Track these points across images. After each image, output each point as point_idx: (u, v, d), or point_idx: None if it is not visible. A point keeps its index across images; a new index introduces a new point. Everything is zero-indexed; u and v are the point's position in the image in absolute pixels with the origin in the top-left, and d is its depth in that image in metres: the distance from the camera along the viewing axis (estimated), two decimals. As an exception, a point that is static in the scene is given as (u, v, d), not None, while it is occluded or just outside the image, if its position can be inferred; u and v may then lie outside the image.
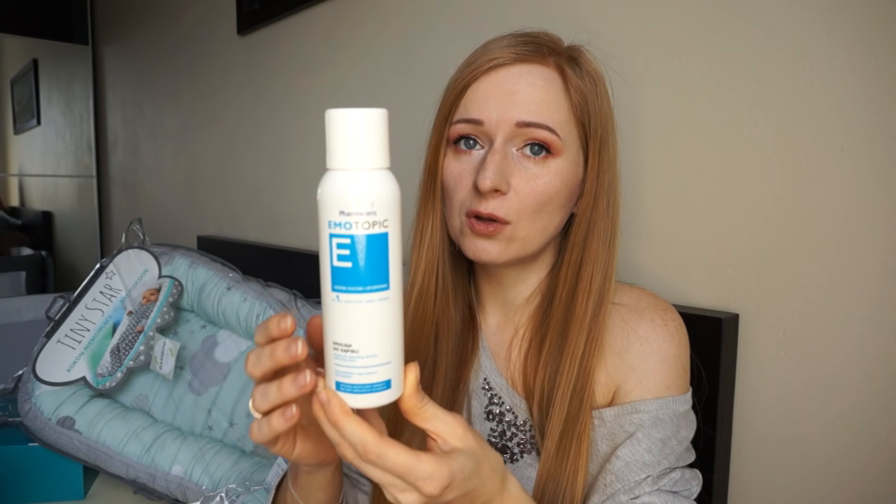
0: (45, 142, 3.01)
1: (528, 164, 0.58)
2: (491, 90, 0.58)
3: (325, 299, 0.39)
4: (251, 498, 1.01)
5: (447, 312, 0.66)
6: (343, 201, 0.37)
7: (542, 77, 0.58)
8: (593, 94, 0.59)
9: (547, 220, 0.60)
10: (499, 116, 0.57)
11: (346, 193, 0.37)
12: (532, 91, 0.57)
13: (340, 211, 0.37)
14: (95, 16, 2.85)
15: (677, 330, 0.62)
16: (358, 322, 0.39)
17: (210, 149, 1.94)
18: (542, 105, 0.57)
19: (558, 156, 0.58)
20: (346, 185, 0.38)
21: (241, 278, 1.33)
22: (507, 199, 0.57)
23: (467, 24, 1.06)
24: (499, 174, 0.56)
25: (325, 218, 0.38)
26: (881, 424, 0.65)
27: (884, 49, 0.62)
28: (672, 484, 0.58)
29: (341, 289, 0.38)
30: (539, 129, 0.56)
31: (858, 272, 0.65)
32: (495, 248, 0.59)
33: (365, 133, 0.37)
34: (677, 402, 0.60)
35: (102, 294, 1.32)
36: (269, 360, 0.42)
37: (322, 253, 0.39)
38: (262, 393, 0.43)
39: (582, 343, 0.60)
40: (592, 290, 0.60)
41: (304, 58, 1.47)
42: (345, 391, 0.40)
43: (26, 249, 3.06)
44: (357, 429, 0.41)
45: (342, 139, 0.37)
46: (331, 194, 0.38)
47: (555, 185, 0.58)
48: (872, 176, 0.64)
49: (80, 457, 1.18)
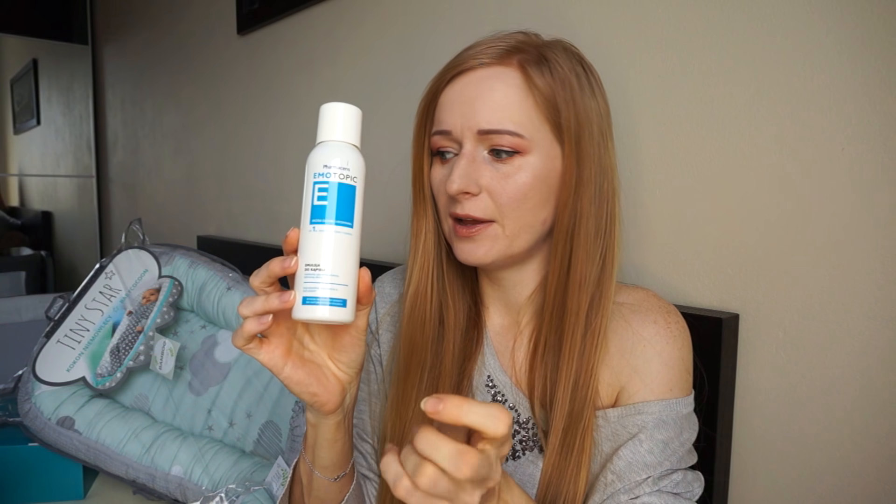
0: (44, 142, 3.01)
1: (498, 165, 0.59)
2: (455, 98, 0.60)
3: (304, 232, 0.50)
4: (251, 498, 1.01)
5: (451, 310, 0.67)
6: (327, 158, 0.50)
7: (503, 79, 0.58)
8: (563, 87, 0.59)
9: (530, 217, 0.60)
10: (462, 124, 0.59)
11: (330, 153, 0.50)
12: (491, 95, 0.58)
13: (324, 165, 0.50)
14: (95, 16, 2.85)
15: (681, 332, 0.62)
16: (326, 246, 0.49)
17: (210, 149, 1.94)
18: (502, 109, 0.58)
19: (527, 154, 0.58)
20: (330, 149, 0.50)
21: (241, 278, 1.33)
22: (479, 199, 0.59)
23: (467, 24, 1.06)
24: (464, 177, 0.58)
25: (311, 172, 0.50)
26: (881, 424, 0.65)
27: (884, 48, 0.62)
28: (673, 485, 0.58)
29: (317, 221, 0.49)
30: (500, 136, 0.58)
31: (859, 272, 0.65)
32: (479, 248, 0.60)
33: (343, 119, 0.51)
34: (680, 404, 0.60)
35: (102, 294, 1.32)
36: (266, 272, 0.49)
37: (305, 200, 0.50)
38: (248, 302, 0.49)
39: (579, 338, 0.60)
40: (585, 282, 0.60)
41: (303, 57, 1.47)
42: (309, 304, 0.48)
43: (26, 249, 3.07)
44: None
45: (328, 121, 0.51)
46: (317, 156, 0.50)
47: (527, 182, 0.58)
48: (873, 176, 0.64)
49: (80, 457, 1.18)
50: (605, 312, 0.61)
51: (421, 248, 0.67)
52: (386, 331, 0.74)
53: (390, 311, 0.74)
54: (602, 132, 0.61)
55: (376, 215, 1.29)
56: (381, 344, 0.74)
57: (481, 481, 0.43)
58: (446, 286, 0.68)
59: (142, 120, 2.41)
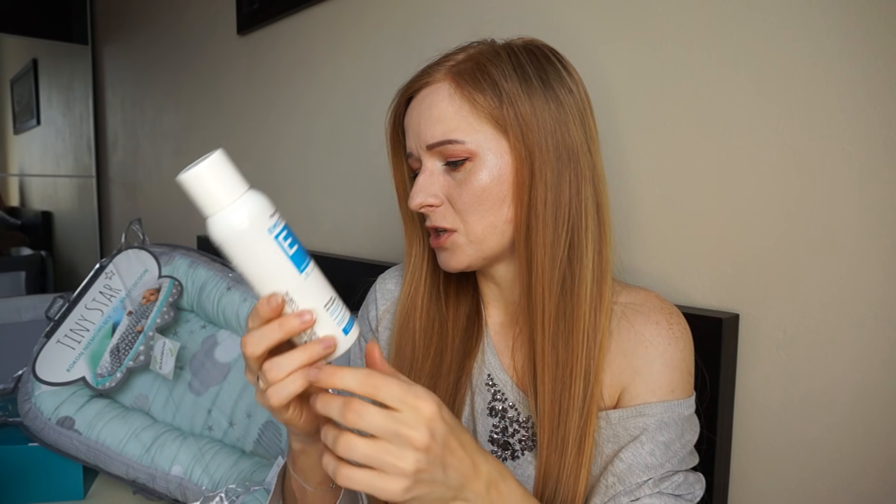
0: (44, 142, 3.01)
1: (454, 174, 0.61)
2: (409, 122, 0.63)
3: (299, 283, 0.47)
4: (251, 498, 1.01)
5: (451, 311, 0.69)
6: (267, 206, 0.46)
7: (436, 94, 0.61)
8: (495, 83, 0.59)
9: (492, 217, 0.60)
10: (416, 144, 0.62)
11: (264, 200, 0.47)
12: (429, 113, 0.61)
13: (270, 215, 0.46)
14: (95, 15, 2.85)
15: (682, 334, 0.62)
16: (324, 279, 0.49)
17: (210, 148, 1.92)
18: (439, 122, 0.60)
19: (475, 157, 0.60)
20: (257, 197, 0.46)
21: (241, 278, 1.32)
22: (442, 209, 0.62)
23: (466, 24, 1.06)
24: (422, 191, 0.61)
25: (260, 231, 0.46)
26: (882, 425, 0.65)
27: (885, 48, 0.62)
28: (674, 487, 0.58)
29: (304, 265, 0.48)
30: (444, 146, 0.60)
31: (859, 272, 0.65)
32: (452, 256, 0.63)
33: (230, 170, 0.46)
34: (682, 406, 0.60)
35: (102, 294, 1.32)
36: (279, 331, 0.46)
37: (275, 261, 0.46)
38: (277, 364, 0.46)
39: (549, 334, 0.60)
40: (548, 275, 0.59)
41: (303, 57, 1.47)
42: (348, 329, 0.49)
43: (26, 249, 3.06)
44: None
45: (225, 181, 0.45)
46: (254, 210, 0.46)
47: (482, 183, 0.59)
48: (873, 176, 0.64)
49: (80, 457, 1.18)
50: (604, 311, 0.60)
51: (413, 258, 0.70)
52: (385, 328, 0.74)
53: (390, 308, 0.75)
54: (555, 119, 0.59)
55: (376, 214, 1.29)
56: (380, 341, 0.74)
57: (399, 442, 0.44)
58: (441, 291, 0.69)
59: (142, 120, 2.41)
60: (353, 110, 1.32)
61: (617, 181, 0.84)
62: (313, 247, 1.48)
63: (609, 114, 0.84)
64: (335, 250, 1.41)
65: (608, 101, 0.84)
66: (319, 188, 1.46)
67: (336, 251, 1.41)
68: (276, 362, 0.46)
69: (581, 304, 0.60)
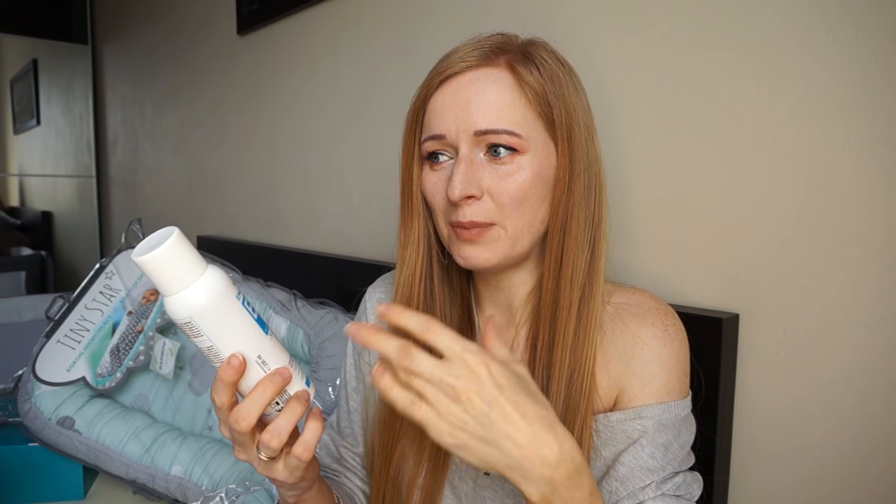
0: (44, 142, 3.01)
1: (496, 166, 0.59)
2: (447, 102, 0.59)
3: (266, 344, 0.51)
4: (251, 498, 1.01)
5: (445, 317, 0.67)
6: (224, 288, 0.48)
7: (493, 80, 0.58)
8: (552, 83, 0.59)
9: (531, 215, 0.60)
10: (457, 128, 0.58)
11: (221, 284, 0.48)
12: (484, 97, 0.58)
13: (236, 295, 0.49)
14: (95, 15, 2.85)
15: (678, 334, 0.62)
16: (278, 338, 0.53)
17: (210, 148, 1.94)
18: (496, 109, 0.58)
19: (525, 152, 0.59)
20: (217, 267, 0.49)
21: (241, 278, 1.33)
22: (482, 202, 0.59)
23: (466, 23, 1.05)
24: (466, 182, 0.58)
25: (230, 298, 0.48)
26: (882, 425, 0.65)
27: (885, 48, 0.62)
28: (675, 488, 0.58)
29: (265, 327, 0.51)
30: (497, 135, 0.58)
31: (859, 272, 0.65)
32: (484, 251, 0.60)
33: (189, 249, 0.47)
34: (678, 407, 0.60)
35: (102, 294, 1.32)
36: (269, 391, 0.50)
37: (245, 328, 0.49)
38: (276, 431, 0.51)
39: (571, 331, 0.60)
40: (576, 275, 0.60)
41: (303, 58, 1.47)
42: (309, 384, 0.54)
43: (26, 249, 3.06)
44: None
45: (185, 260, 0.46)
46: (222, 279, 0.48)
47: (527, 180, 0.59)
48: (873, 175, 0.64)
49: (80, 457, 1.18)
50: (595, 305, 0.61)
51: (407, 262, 0.66)
52: None
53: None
54: (587, 127, 0.61)
55: (376, 214, 1.29)
56: (374, 354, 0.74)
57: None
58: (436, 296, 0.67)
59: (141, 119, 2.41)
60: (352, 110, 1.32)
61: (617, 181, 0.84)
62: (313, 247, 1.48)
63: (609, 114, 0.84)
64: (335, 250, 1.41)
65: (608, 101, 0.84)
66: (319, 188, 1.46)
67: (336, 251, 1.41)
68: (273, 431, 0.51)
69: (595, 307, 0.61)
